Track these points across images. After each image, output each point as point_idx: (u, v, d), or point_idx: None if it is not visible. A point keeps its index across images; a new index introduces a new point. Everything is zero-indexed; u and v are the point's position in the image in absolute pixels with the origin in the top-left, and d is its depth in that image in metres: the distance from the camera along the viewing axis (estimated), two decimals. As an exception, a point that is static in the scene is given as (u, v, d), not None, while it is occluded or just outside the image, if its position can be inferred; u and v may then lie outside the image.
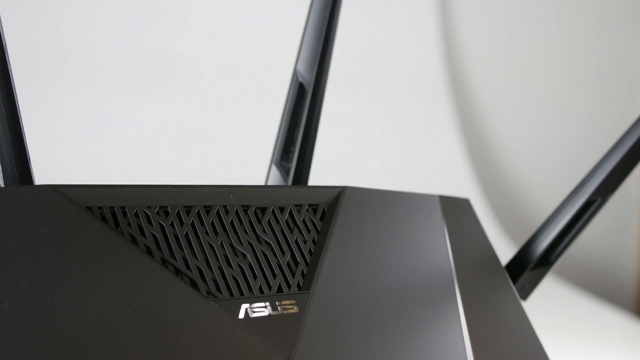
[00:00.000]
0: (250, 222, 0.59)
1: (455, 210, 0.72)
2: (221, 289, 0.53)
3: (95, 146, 1.47)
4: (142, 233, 0.54)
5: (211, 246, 0.56)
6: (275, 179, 0.77)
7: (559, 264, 0.76)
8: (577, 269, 2.12)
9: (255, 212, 0.60)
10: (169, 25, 1.62)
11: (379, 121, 1.88)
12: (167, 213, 0.56)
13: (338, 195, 0.65)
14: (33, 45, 1.44)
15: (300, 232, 0.61)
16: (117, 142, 1.50)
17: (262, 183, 0.81)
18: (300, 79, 0.77)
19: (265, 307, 0.53)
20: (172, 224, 0.55)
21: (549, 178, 2.15)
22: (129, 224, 0.53)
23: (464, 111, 2.03)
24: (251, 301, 0.53)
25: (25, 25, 1.43)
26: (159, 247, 0.53)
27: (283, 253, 0.59)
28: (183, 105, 1.61)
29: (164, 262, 0.53)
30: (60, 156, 1.40)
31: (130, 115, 1.53)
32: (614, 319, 1.63)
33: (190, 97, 1.63)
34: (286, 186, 0.67)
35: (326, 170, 1.38)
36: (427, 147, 1.95)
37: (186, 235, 0.55)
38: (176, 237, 0.55)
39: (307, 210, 0.63)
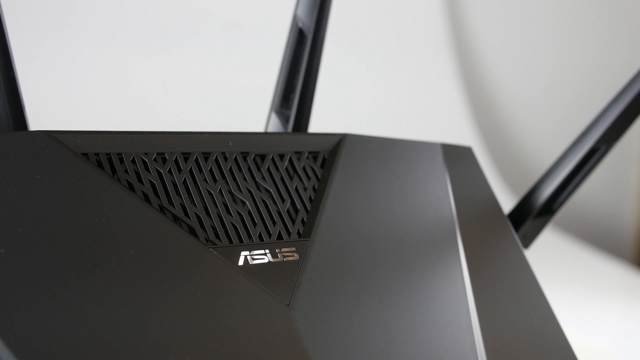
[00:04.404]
0: (249, 169, 0.58)
1: (458, 158, 0.71)
2: (220, 236, 0.53)
3: (92, 93, 1.45)
4: (140, 180, 0.53)
5: (210, 193, 0.55)
6: (274, 126, 0.76)
7: (559, 216, 0.76)
8: (577, 221, 2.12)
9: (254, 159, 0.59)
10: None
11: (378, 69, 1.86)
12: (164, 160, 0.55)
13: (339, 143, 0.64)
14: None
15: (300, 179, 0.60)
16: (114, 90, 1.48)
17: (261, 131, 0.80)
18: (300, 25, 0.76)
19: (265, 254, 0.53)
20: (169, 171, 0.54)
21: (550, 127, 2.14)
22: (126, 171, 0.52)
23: (465, 59, 2.01)
24: (250, 248, 0.53)
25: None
26: (156, 194, 0.53)
27: (283, 200, 0.58)
28: (183, 55, 1.59)
29: (162, 209, 0.52)
30: (56, 103, 1.39)
31: (129, 63, 1.52)
32: (612, 270, 1.64)
33: (190, 47, 1.61)
34: (286, 133, 0.66)
35: (326, 117, 1.36)
36: (428, 96, 1.93)
37: (184, 182, 0.55)
38: (174, 184, 0.54)
39: (307, 157, 0.62)
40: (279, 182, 0.59)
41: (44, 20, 1.43)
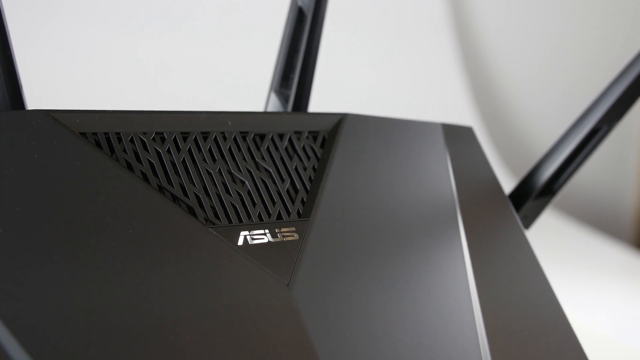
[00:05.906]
0: (249, 148, 0.58)
1: (458, 138, 0.71)
2: (219, 216, 0.52)
3: (90, 73, 1.45)
4: (138, 159, 0.52)
5: (209, 173, 0.55)
6: (274, 106, 0.75)
7: (559, 198, 0.75)
8: (577, 203, 2.12)
9: (254, 139, 0.59)
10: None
11: (379, 49, 1.85)
12: (163, 139, 0.55)
13: (339, 123, 0.63)
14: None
15: (300, 159, 0.60)
16: (113, 70, 1.48)
17: (261, 110, 0.79)
18: (300, 3, 0.75)
19: (265, 234, 0.53)
20: (168, 150, 0.54)
21: (551, 108, 2.13)
22: (125, 150, 0.52)
23: (465, 40, 2.00)
24: (250, 228, 0.52)
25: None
26: (155, 174, 0.52)
27: (282, 180, 0.58)
28: (182, 34, 1.58)
29: (160, 189, 0.52)
30: (54, 82, 1.38)
31: (128, 44, 1.51)
32: (612, 251, 1.64)
33: (190, 26, 1.60)
34: (286, 113, 0.66)
35: (326, 97, 1.36)
36: (429, 76, 1.92)
37: (183, 161, 0.54)
38: (173, 164, 0.54)
39: (307, 137, 0.61)
40: (279, 162, 0.59)
41: None
